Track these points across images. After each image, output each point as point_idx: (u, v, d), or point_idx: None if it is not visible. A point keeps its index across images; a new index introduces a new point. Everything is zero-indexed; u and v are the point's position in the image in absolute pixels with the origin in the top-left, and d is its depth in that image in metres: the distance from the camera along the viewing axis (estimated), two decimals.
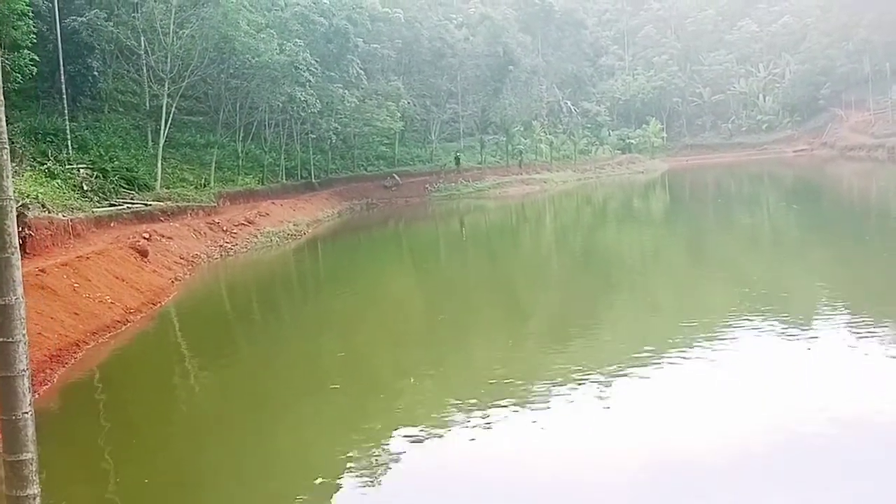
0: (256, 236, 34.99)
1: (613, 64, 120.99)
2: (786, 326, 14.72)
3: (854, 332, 14.04)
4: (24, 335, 4.98)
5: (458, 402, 11.82)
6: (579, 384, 12.17)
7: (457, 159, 68.73)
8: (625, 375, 12.45)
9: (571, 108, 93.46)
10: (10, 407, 4.97)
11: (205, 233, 32.19)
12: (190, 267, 26.97)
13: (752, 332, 14.61)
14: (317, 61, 49.34)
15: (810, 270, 22.35)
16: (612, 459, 9.63)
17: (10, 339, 4.94)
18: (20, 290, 4.99)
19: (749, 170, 79.27)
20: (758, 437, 9.82)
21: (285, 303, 23.93)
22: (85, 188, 29.97)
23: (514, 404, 11.45)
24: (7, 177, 4.96)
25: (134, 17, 39.62)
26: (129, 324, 17.85)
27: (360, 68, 58.95)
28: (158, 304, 20.55)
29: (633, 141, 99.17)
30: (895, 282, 18.82)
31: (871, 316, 15.04)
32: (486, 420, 10.90)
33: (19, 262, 5.04)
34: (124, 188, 33.68)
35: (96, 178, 31.65)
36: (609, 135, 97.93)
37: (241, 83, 45.57)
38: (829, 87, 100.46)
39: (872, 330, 14.01)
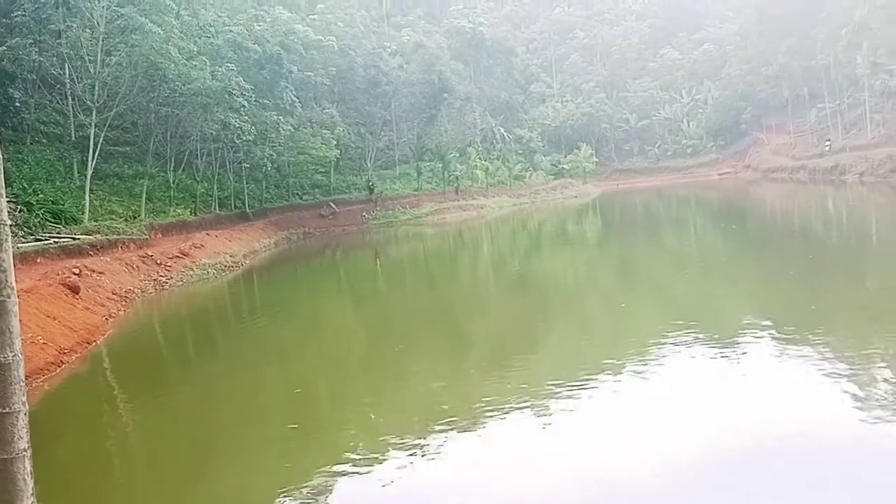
0: (192, 269, 33.96)
1: (543, 91, 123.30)
2: (715, 346, 15.18)
3: (781, 350, 14.54)
4: (24, 403, 4.20)
5: (400, 431, 11.85)
6: (518, 407, 12.41)
7: (370, 188, 68.12)
8: (562, 397, 12.70)
9: (505, 134, 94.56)
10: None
11: (138, 266, 31.07)
12: (124, 302, 25.95)
13: (684, 353, 15.02)
14: (251, 88, 48.56)
15: (738, 291, 23.08)
16: (550, 480, 9.83)
17: (8, 410, 4.14)
18: (18, 344, 4.23)
19: (677, 193, 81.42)
20: (690, 455, 10.19)
21: (224, 337, 23.28)
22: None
23: (457, 430, 11.67)
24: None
25: (58, 44, 38.33)
26: (63, 365, 16.97)
27: (294, 96, 58.36)
28: (93, 343, 19.65)
29: (565, 166, 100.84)
30: (818, 300, 19.55)
31: (797, 334, 15.61)
32: (429, 447, 11.08)
33: (17, 308, 4.31)
34: (50, 222, 32.34)
35: (20, 212, 30.22)
36: (542, 160, 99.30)
37: (171, 111, 44.47)
38: (750, 112, 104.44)
39: (799, 348, 14.50)
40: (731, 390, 12.68)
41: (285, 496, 9.93)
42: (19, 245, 27.02)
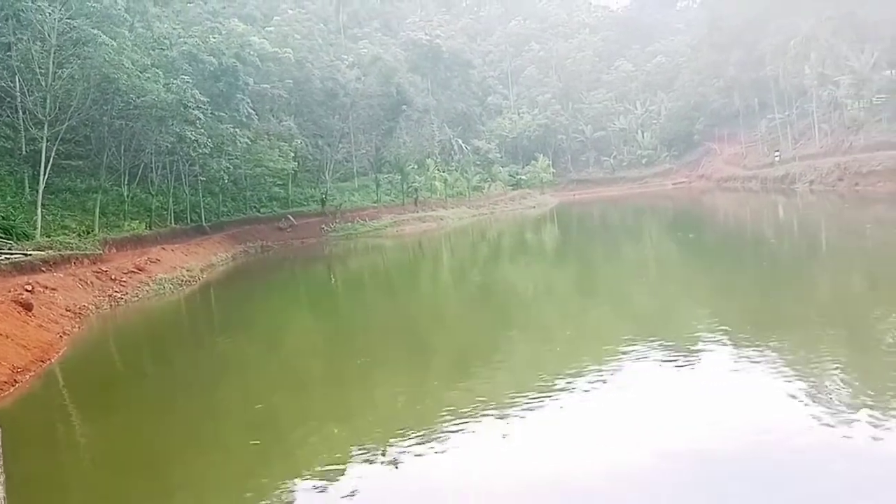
0: (148, 284, 33.48)
1: (500, 103, 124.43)
2: (672, 353, 15.50)
3: (735, 356, 14.92)
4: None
5: (363, 444, 11.92)
6: (480, 417, 12.58)
7: (323, 200, 67.84)
8: (523, 407, 12.90)
9: (463, 145, 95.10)
10: None
11: (92, 282, 30.54)
12: (78, 319, 25.49)
13: (641, 360, 15.34)
14: (206, 100, 48.14)
15: (694, 298, 23.64)
16: (510, 488, 10.00)
17: None
18: None
19: (632, 203, 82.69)
20: (644, 461, 10.37)
21: (181, 354, 23.02)
22: None
23: (419, 441, 11.75)
24: None
25: (8, 56, 37.59)
26: (17, 384, 16.62)
27: (251, 108, 58.06)
28: (48, 361, 19.29)
29: (523, 177, 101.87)
30: (771, 306, 20.15)
31: (752, 340, 16.07)
32: (391, 459, 11.18)
33: None
34: (1, 238, 31.63)
35: None
36: (500, 171, 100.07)
37: (125, 124, 43.80)
38: (703, 122, 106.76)
39: (753, 353, 14.90)
40: (687, 396, 13.02)
41: None
42: None
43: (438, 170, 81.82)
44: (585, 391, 13.54)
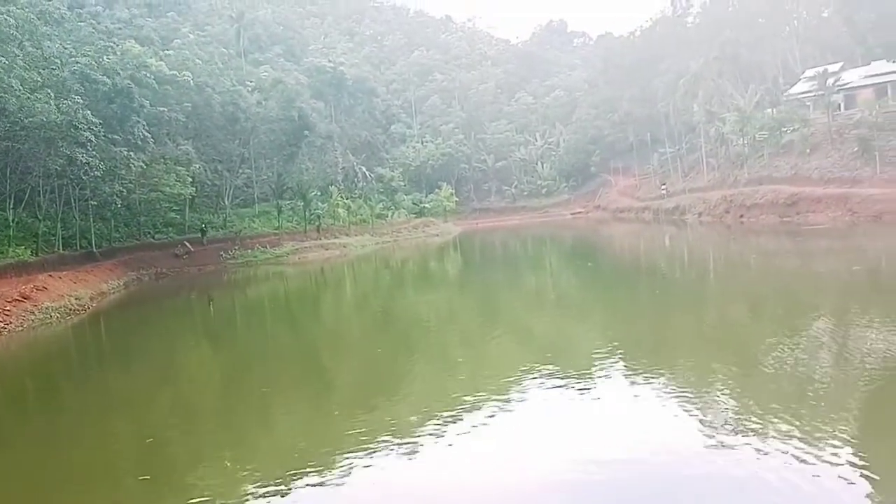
0: (34, 313, 31.73)
1: (404, 131, 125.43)
2: (569, 378, 15.88)
3: (630, 381, 15.48)
4: None
5: (258, 478, 11.64)
6: (381, 447, 12.48)
7: (202, 230, 66.21)
8: (425, 435, 12.96)
9: (366, 173, 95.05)
10: None
11: None
12: None
13: (541, 387, 15.61)
14: (99, 122, 46.41)
15: (591, 326, 24.31)
16: None
17: None
18: None
19: (532, 232, 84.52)
20: (544, 483, 10.57)
21: (68, 386, 21.97)
22: None
23: (317, 473, 11.59)
24: None
25: None
26: None
27: (147, 131, 56.19)
28: None
29: (426, 205, 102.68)
30: (664, 333, 21.04)
31: (646, 365, 16.73)
32: (286, 493, 10.97)
33: None
34: None
35: None
36: (404, 199, 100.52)
37: (12, 145, 41.66)
38: (599, 155, 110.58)
39: (646, 378, 15.50)
40: (583, 420, 13.38)
41: None
42: None
43: (342, 197, 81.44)
44: (488, 417, 13.67)
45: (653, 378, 15.41)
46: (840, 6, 60.43)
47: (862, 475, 9.59)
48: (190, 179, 61.05)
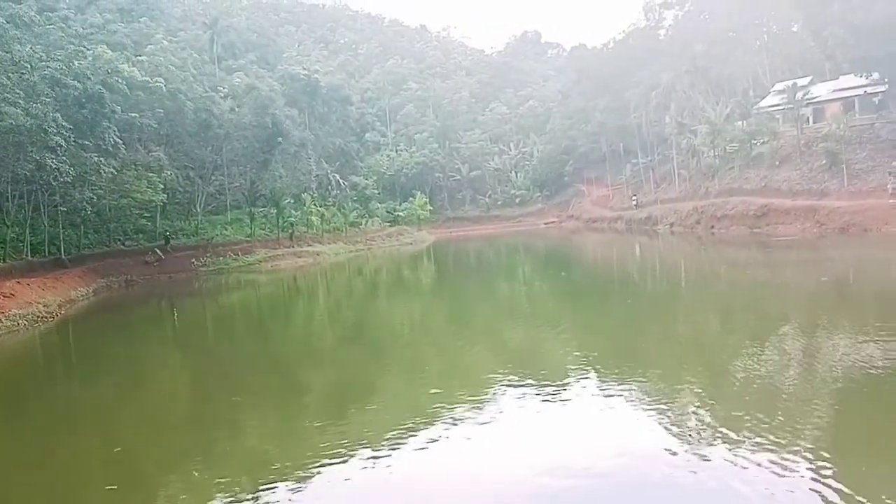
0: (0, 320, 31.15)
1: (378, 140, 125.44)
2: (543, 387, 15.93)
3: (603, 390, 15.57)
4: None
5: (226, 488, 11.53)
6: (352, 457, 12.39)
7: (166, 238, 65.37)
8: (398, 446, 12.90)
9: (340, 181, 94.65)
10: None
11: None
12: None
13: (514, 396, 15.64)
14: (69, 127, 45.80)
15: (565, 334, 24.30)
16: None
17: None
18: None
19: (506, 241, 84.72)
20: (519, 493, 10.56)
21: (34, 395, 21.53)
22: None
23: (286, 484, 11.48)
24: None
25: None
26: None
27: (118, 136, 55.55)
28: None
29: (400, 213, 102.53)
30: (636, 342, 21.25)
31: (618, 374, 16.87)
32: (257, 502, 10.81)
33: None
34: None
35: None
36: (378, 207, 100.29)
37: None
38: (573, 165, 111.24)
39: (618, 386, 15.62)
40: (554, 429, 13.40)
41: None
42: None
43: (315, 204, 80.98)
44: (462, 426, 13.65)
45: (624, 387, 15.50)
46: (808, 22, 61.34)
47: (832, 486, 9.68)
48: (161, 186, 60.49)
